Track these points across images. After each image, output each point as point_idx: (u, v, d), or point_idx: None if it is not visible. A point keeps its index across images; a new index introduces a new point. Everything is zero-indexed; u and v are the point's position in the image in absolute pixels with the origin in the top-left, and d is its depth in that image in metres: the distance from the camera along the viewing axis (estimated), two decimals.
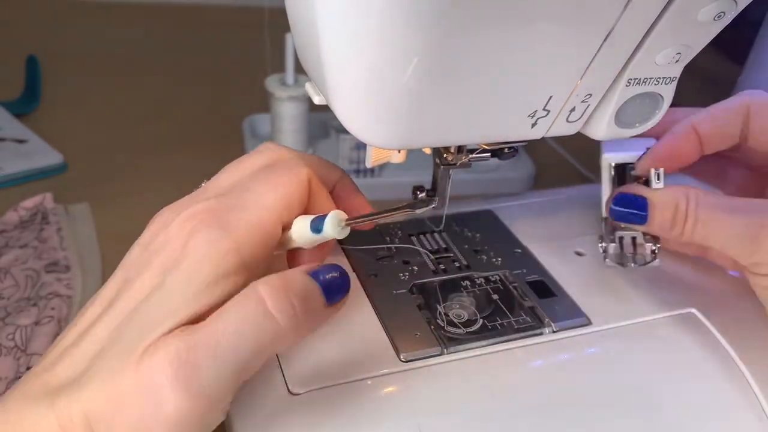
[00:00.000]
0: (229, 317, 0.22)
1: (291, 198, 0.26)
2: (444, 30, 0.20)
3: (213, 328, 0.22)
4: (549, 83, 0.24)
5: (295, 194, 0.26)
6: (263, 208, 0.25)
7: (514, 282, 0.34)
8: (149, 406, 0.21)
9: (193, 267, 0.23)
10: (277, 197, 0.25)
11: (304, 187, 0.27)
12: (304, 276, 0.24)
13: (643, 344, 0.31)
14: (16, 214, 0.49)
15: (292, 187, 0.26)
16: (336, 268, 0.25)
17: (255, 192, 0.26)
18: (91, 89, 0.72)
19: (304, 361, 0.28)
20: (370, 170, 0.59)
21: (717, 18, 0.24)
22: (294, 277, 0.24)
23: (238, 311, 0.22)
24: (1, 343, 0.38)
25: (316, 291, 0.24)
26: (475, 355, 0.29)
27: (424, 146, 0.28)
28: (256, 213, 0.25)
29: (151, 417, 0.21)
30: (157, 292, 0.23)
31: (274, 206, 0.25)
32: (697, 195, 0.29)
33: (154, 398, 0.21)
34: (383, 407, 0.26)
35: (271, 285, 0.23)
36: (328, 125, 0.65)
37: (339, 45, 0.22)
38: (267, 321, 0.22)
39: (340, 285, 0.25)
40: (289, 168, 0.27)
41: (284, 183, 0.26)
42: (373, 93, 0.23)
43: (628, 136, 0.29)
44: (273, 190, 0.26)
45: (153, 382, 0.21)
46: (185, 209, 0.25)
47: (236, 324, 0.22)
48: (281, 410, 0.26)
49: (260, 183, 0.26)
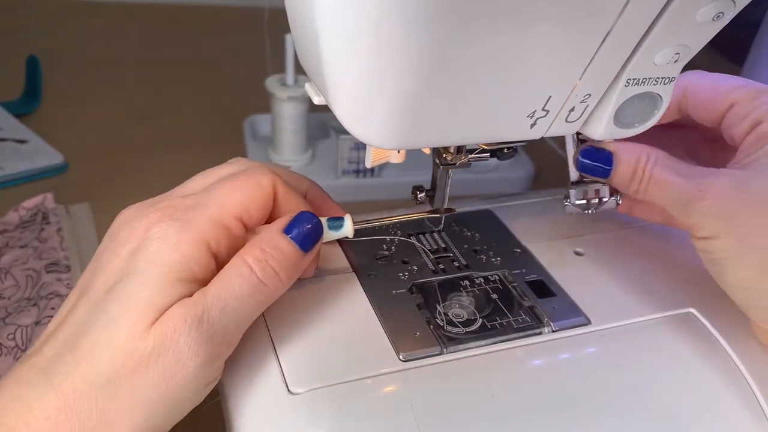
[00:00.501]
0: (230, 285, 0.26)
1: (250, 200, 0.28)
2: (443, 30, 0.21)
3: (218, 294, 0.25)
4: (548, 83, 0.25)
5: (254, 197, 0.28)
6: (221, 206, 0.27)
7: (513, 282, 0.34)
8: (171, 361, 0.24)
9: (160, 249, 0.25)
10: (236, 198, 0.28)
11: (266, 192, 0.29)
12: (280, 237, 0.28)
13: (642, 344, 0.31)
14: (16, 214, 0.49)
15: (252, 190, 0.28)
16: (306, 219, 0.29)
17: (215, 193, 0.28)
18: (92, 89, 0.72)
19: (304, 360, 0.28)
20: (370, 170, 0.59)
21: (716, 18, 0.24)
22: (273, 242, 0.27)
23: (235, 280, 0.26)
24: (2, 342, 0.38)
25: (293, 249, 0.28)
26: (475, 354, 0.29)
27: (423, 146, 0.28)
28: (215, 210, 0.27)
29: (175, 369, 0.24)
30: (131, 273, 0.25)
31: (233, 205, 0.27)
32: (657, 155, 0.31)
33: (175, 354, 0.24)
34: (383, 407, 0.27)
35: (254, 257, 0.26)
36: (327, 125, 0.65)
37: (338, 46, 0.22)
38: (259, 287, 0.26)
39: (314, 234, 0.29)
40: (251, 175, 0.29)
41: (244, 187, 0.28)
42: (372, 93, 0.23)
43: (627, 136, 0.29)
44: (232, 192, 0.28)
45: (174, 341, 0.24)
46: (150, 207, 0.27)
47: (237, 291, 0.26)
48: (281, 409, 0.26)
49: (221, 186, 0.28)
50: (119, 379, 0.24)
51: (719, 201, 0.29)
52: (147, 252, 0.25)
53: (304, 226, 0.28)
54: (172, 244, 0.25)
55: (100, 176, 0.57)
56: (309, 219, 0.29)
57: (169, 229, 0.26)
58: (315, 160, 0.61)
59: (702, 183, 0.29)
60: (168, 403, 0.25)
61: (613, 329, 0.31)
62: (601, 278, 0.34)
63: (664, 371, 0.30)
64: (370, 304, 0.31)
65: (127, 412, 0.24)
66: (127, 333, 0.24)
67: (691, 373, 0.30)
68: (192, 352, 0.24)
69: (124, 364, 0.24)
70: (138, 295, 0.25)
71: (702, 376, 0.30)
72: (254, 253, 0.27)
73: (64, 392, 0.23)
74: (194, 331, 0.24)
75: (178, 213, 0.27)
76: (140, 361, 0.24)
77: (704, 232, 0.29)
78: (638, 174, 0.31)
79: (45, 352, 0.25)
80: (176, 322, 0.24)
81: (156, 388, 0.24)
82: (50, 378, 0.24)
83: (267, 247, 0.27)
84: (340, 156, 0.57)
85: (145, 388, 0.24)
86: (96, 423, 0.23)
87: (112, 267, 0.26)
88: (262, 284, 0.26)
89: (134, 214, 0.27)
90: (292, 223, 0.28)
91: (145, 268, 0.25)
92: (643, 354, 0.30)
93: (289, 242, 0.28)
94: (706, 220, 0.29)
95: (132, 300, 0.24)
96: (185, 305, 0.25)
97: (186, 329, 0.24)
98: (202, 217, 0.27)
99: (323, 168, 0.60)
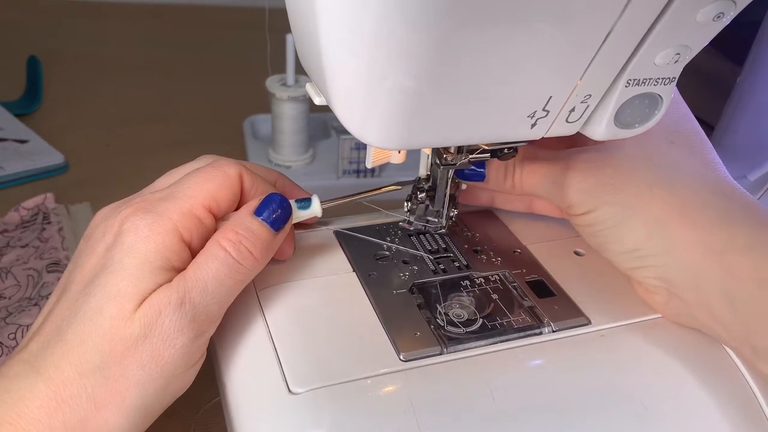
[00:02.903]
0: (208, 268, 0.27)
1: (218, 190, 0.29)
2: (443, 30, 0.21)
3: (197, 276, 0.27)
4: (548, 84, 0.25)
5: (222, 187, 0.29)
6: (190, 197, 0.28)
7: (513, 282, 0.34)
8: (158, 341, 0.25)
9: (134, 241, 0.27)
10: (204, 188, 0.29)
11: (233, 182, 0.30)
12: (252, 219, 0.29)
13: (642, 344, 0.31)
14: (17, 214, 0.49)
15: (219, 181, 0.29)
16: (274, 201, 0.30)
17: (184, 186, 0.29)
18: (92, 89, 0.72)
19: (304, 360, 0.28)
20: (371, 170, 0.59)
21: (716, 19, 0.24)
22: (245, 224, 0.29)
23: (212, 263, 0.27)
24: (3, 342, 0.38)
25: (264, 230, 0.29)
26: (475, 354, 0.29)
27: (424, 146, 0.29)
28: (185, 201, 0.28)
29: (162, 348, 0.25)
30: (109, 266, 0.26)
31: (202, 195, 0.28)
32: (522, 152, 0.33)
33: (162, 334, 0.25)
34: (383, 407, 0.27)
35: (228, 239, 0.28)
36: (328, 125, 0.65)
37: (339, 46, 0.22)
38: (236, 267, 0.28)
39: (283, 215, 0.30)
40: (218, 167, 0.30)
41: (211, 178, 0.29)
42: (373, 93, 0.23)
43: (627, 136, 0.29)
44: (201, 183, 0.29)
45: (161, 322, 0.25)
46: (122, 204, 0.28)
47: (214, 272, 0.27)
48: (281, 409, 0.26)
49: (190, 178, 0.29)
50: (108, 364, 0.25)
51: (589, 175, 0.31)
52: (122, 245, 0.26)
53: (274, 207, 0.30)
54: (146, 236, 0.27)
55: (101, 176, 0.57)
56: (278, 200, 0.30)
57: (142, 222, 0.27)
58: (316, 160, 0.61)
59: (569, 161, 0.31)
60: (159, 382, 0.26)
61: (613, 329, 0.31)
62: (601, 278, 0.34)
63: (664, 371, 0.30)
64: (370, 304, 0.31)
65: (119, 394, 0.25)
66: (111, 321, 0.25)
67: (691, 373, 0.30)
68: (178, 330, 0.26)
69: (112, 350, 0.25)
70: (118, 285, 0.26)
71: (702, 377, 0.30)
72: (228, 236, 0.28)
73: (53, 381, 0.24)
74: (178, 312, 0.26)
75: (150, 206, 0.28)
76: (128, 345, 0.25)
77: (583, 207, 0.31)
78: (509, 171, 0.33)
79: (31, 348, 0.26)
80: (161, 304, 0.26)
81: (146, 368, 0.25)
82: (39, 369, 0.24)
83: (239, 229, 0.28)
84: (341, 156, 0.57)
85: (135, 369, 0.25)
86: (87, 407, 0.24)
87: (90, 264, 0.27)
88: (238, 264, 0.28)
89: (108, 213, 0.28)
90: (262, 205, 0.29)
91: (123, 259, 0.26)
92: (644, 354, 0.30)
93: (261, 223, 0.29)
94: (583, 195, 0.31)
95: (113, 290, 0.25)
96: (167, 290, 0.26)
97: (170, 310, 0.26)
98: (173, 208, 0.28)
99: (324, 168, 0.60)
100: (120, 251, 0.26)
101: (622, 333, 0.31)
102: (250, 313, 0.31)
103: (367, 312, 0.31)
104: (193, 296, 0.26)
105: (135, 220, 0.27)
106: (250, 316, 0.31)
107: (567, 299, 0.33)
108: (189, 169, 0.31)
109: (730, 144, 0.57)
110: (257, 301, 0.31)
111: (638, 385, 0.29)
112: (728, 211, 0.29)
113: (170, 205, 0.28)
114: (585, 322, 0.31)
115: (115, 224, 0.27)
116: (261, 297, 0.32)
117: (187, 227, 0.28)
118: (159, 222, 0.27)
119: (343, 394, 0.27)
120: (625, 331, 0.31)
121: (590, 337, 0.31)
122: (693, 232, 0.29)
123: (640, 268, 0.31)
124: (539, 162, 0.33)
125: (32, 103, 0.68)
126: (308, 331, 0.30)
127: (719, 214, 0.29)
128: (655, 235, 0.29)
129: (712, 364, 0.30)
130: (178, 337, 0.26)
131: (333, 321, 0.30)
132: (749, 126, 0.55)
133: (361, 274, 0.33)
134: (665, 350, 0.31)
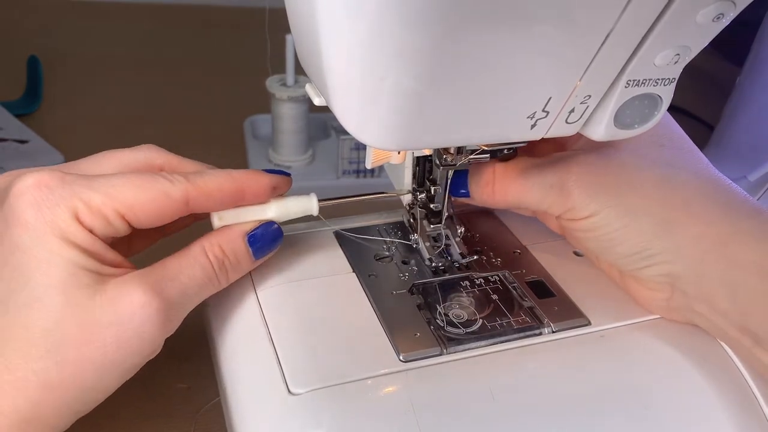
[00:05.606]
0: (192, 273, 0.28)
1: (144, 203, 0.27)
2: (443, 31, 0.21)
3: (177, 276, 0.27)
4: (548, 84, 0.25)
5: (153, 204, 0.27)
6: (104, 194, 0.26)
7: (513, 282, 0.34)
8: (125, 326, 0.25)
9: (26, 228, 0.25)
10: (128, 196, 0.27)
11: (173, 204, 0.27)
12: (241, 242, 0.30)
13: (642, 344, 0.31)
14: None
15: (151, 196, 0.27)
16: (270, 236, 0.31)
17: (108, 182, 0.27)
18: (92, 89, 0.72)
19: (304, 361, 0.28)
20: (371, 171, 0.59)
21: (716, 19, 0.24)
22: (232, 245, 0.29)
23: (197, 270, 0.28)
24: None
25: (247, 257, 0.30)
26: (475, 355, 0.29)
27: (423, 147, 0.29)
28: (98, 196, 0.26)
29: (130, 333, 0.25)
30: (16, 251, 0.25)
31: (119, 201, 0.26)
32: (502, 163, 0.33)
33: (130, 321, 0.25)
34: (383, 407, 0.27)
35: (214, 254, 0.29)
36: (328, 126, 0.65)
37: (338, 46, 0.22)
38: (213, 281, 0.29)
39: (271, 246, 0.31)
40: (161, 183, 0.27)
41: (144, 190, 0.27)
42: (372, 94, 0.23)
43: (627, 137, 0.29)
44: (126, 189, 0.27)
45: (130, 309, 0.25)
46: (28, 172, 0.26)
47: (198, 279, 0.28)
48: (281, 410, 0.26)
49: (119, 179, 0.27)
50: (59, 349, 0.24)
51: (591, 178, 0.30)
52: (18, 233, 0.25)
53: (267, 242, 0.31)
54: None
55: None
56: (272, 235, 0.31)
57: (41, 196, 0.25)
58: (315, 160, 0.61)
59: (568, 164, 0.31)
60: (122, 366, 0.26)
61: (613, 329, 0.31)
62: (601, 278, 0.34)
63: (664, 372, 0.30)
64: (370, 304, 0.31)
65: (74, 377, 0.25)
66: (61, 305, 0.25)
67: (691, 373, 0.30)
68: (150, 324, 0.26)
69: (64, 336, 0.24)
70: (39, 266, 0.25)
71: (702, 377, 0.30)
72: (214, 250, 0.29)
73: (16, 380, 0.24)
74: (153, 306, 0.26)
75: (59, 183, 0.26)
76: (92, 330, 0.25)
77: (586, 211, 0.30)
78: (493, 184, 0.32)
79: None
80: (134, 295, 0.26)
81: (108, 354, 0.25)
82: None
83: (226, 247, 0.29)
84: (341, 156, 0.57)
85: (95, 354, 0.25)
86: (35, 390, 0.24)
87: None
88: (216, 279, 0.29)
89: (7, 180, 0.27)
90: (258, 235, 0.30)
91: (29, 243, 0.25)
92: (643, 354, 0.30)
93: (247, 251, 0.30)
94: (586, 199, 0.30)
95: (34, 277, 0.25)
96: (142, 278, 0.26)
97: (142, 305, 0.26)
98: (81, 192, 0.26)
99: (324, 168, 0.60)
100: (17, 241, 0.25)
101: (622, 333, 0.31)
102: (250, 313, 0.31)
103: (367, 313, 0.31)
104: (171, 295, 0.27)
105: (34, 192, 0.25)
106: (250, 316, 0.31)
107: (567, 300, 0.33)
108: (122, 155, 0.30)
109: (730, 144, 0.57)
110: (257, 301, 0.31)
111: (638, 385, 0.29)
112: (730, 203, 0.29)
113: (84, 188, 0.26)
114: (585, 322, 0.31)
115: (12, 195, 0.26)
116: (261, 298, 0.32)
117: (88, 217, 0.26)
118: (60, 202, 0.25)
119: (342, 395, 0.27)
120: (625, 332, 0.31)
121: (590, 337, 0.31)
122: (700, 226, 0.29)
123: (646, 267, 0.31)
124: (533, 169, 0.32)
125: (32, 103, 0.68)
126: (308, 331, 0.30)
127: (722, 206, 0.29)
128: (662, 233, 0.29)
129: (712, 364, 0.30)
130: (149, 330, 0.26)
131: (333, 322, 0.30)
132: (749, 126, 0.55)
133: (360, 275, 0.33)
134: (665, 350, 0.31)
